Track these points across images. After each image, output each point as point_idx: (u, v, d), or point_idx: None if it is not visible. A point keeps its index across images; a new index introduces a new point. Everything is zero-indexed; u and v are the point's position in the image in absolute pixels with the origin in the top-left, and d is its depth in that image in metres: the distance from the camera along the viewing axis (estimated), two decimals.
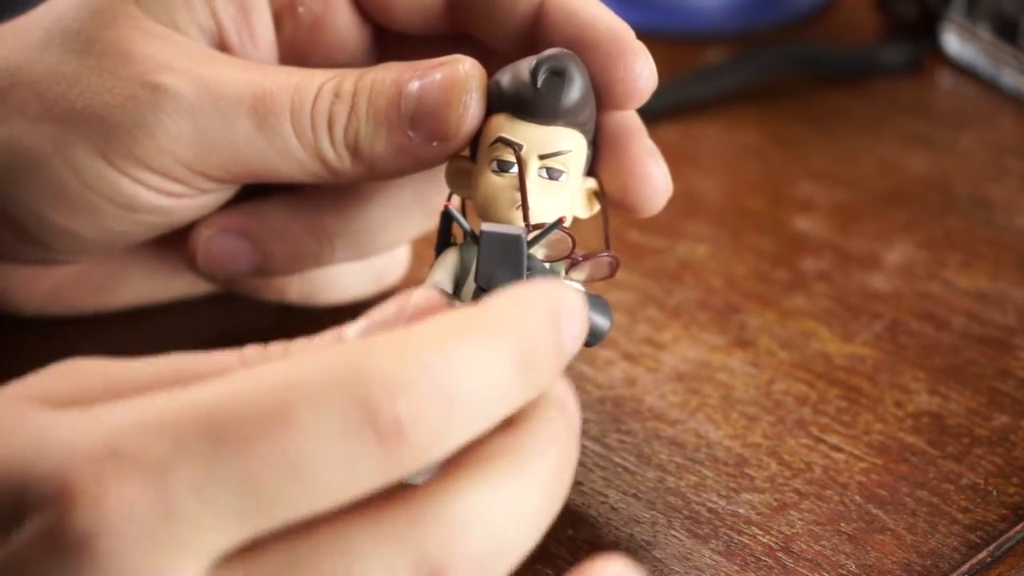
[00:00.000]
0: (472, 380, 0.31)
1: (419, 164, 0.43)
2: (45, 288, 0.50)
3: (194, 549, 0.30)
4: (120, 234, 0.46)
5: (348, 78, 0.43)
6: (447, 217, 0.43)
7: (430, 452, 0.30)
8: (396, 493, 0.31)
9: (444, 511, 0.31)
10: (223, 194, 0.46)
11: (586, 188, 0.43)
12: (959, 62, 0.70)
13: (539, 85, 0.41)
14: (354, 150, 0.43)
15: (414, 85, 0.42)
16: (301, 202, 0.48)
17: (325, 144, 0.43)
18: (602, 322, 0.42)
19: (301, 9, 0.46)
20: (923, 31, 0.71)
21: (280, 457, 0.29)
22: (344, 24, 0.47)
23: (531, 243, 0.41)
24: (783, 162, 0.64)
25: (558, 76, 0.41)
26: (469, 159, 0.43)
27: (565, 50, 0.41)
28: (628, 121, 0.43)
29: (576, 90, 0.41)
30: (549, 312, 0.33)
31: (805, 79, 0.69)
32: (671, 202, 0.60)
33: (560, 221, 0.41)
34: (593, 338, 0.42)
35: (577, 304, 0.33)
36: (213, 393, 0.30)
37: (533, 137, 0.41)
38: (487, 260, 0.40)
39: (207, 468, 0.29)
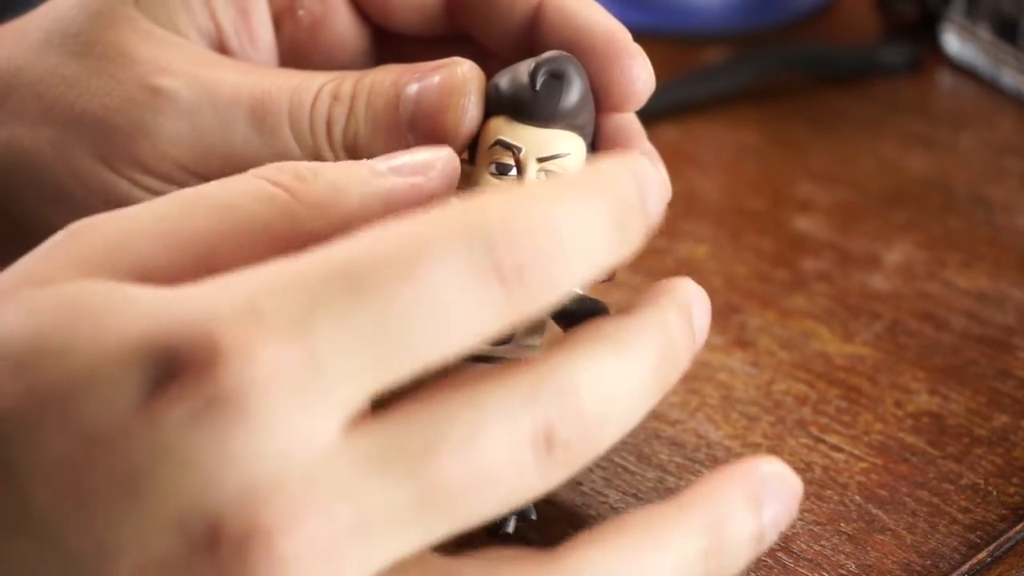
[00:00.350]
0: (579, 230, 0.33)
1: None
2: None
3: (335, 403, 0.30)
4: None
5: (347, 80, 0.43)
6: None
7: (544, 296, 0.32)
8: (517, 362, 0.33)
9: (561, 377, 0.32)
10: None
11: None
12: (959, 62, 0.70)
13: (538, 88, 0.41)
14: (352, 152, 0.43)
15: (412, 88, 0.42)
16: None
17: (323, 146, 0.43)
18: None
19: (301, 12, 0.46)
20: (923, 31, 0.71)
21: (414, 301, 0.31)
22: (343, 26, 0.47)
23: None
24: (783, 162, 0.64)
25: (557, 79, 0.41)
26: (468, 161, 0.43)
27: (564, 53, 0.41)
28: (626, 124, 0.43)
29: (575, 93, 0.41)
30: (633, 175, 0.35)
31: (805, 79, 0.69)
32: (671, 202, 0.60)
33: None
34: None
35: (656, 171, 0.36)
36: (343, 249, 0.31)
37: (531, 140, 0.41)
38: None
39: (347, 320, 0.30)
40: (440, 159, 0.38)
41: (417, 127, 0.42)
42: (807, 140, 0.65)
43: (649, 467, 0.46)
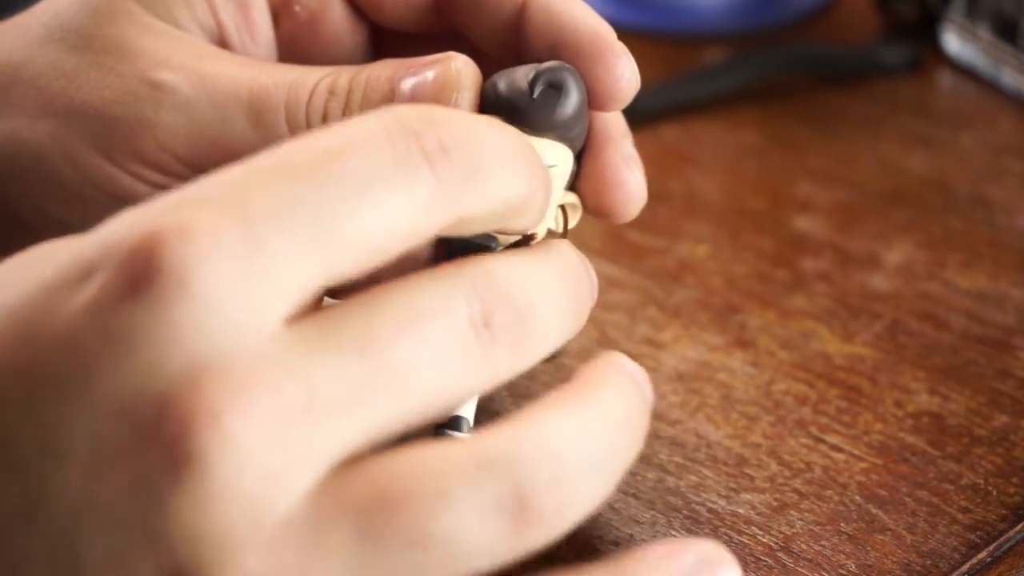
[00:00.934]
0: (495, 140, 0.34)
1: None
2: None
3: (280, 283, 0.30)
4: None
5: (343, 75, 0.44)
6: None
7: (472, 173, 0.33)
8: None
9: (485, 266, 0.34)
10: None
11: (564, 202, 0.43)
12: (959, 62, 0.70)
13: (535, 96, 0.41)
14: None
15: (407, 83, 0.43)
16: None
17: None
18: None
19: (297, 7, 0.47)
20: (923, 31, 0.71)
21: (347, 178, 0.31)
22: (339, 20, 0.47)
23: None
24: (783, 162, 0.64)
25: (555, 89, 0.41)
26: None
27: (565, 64, 0.41)
28: (609, 124, 0.43)
29: (571, 105, 0.41)
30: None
31: (805, 79, 0.69)
32: (671, 202, 0.60)
33: (531, 237, 0.41)
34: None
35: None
36: (281, 148, 0.32)
37: None
38: (453, 258, 0.40)
39: (282, 196, 0.31)
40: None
41: None
42: (807, 140, 0.65)
43: (649, 467, 0.46)
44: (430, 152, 0.32)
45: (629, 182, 0.43)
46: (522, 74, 0.41)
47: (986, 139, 0.65)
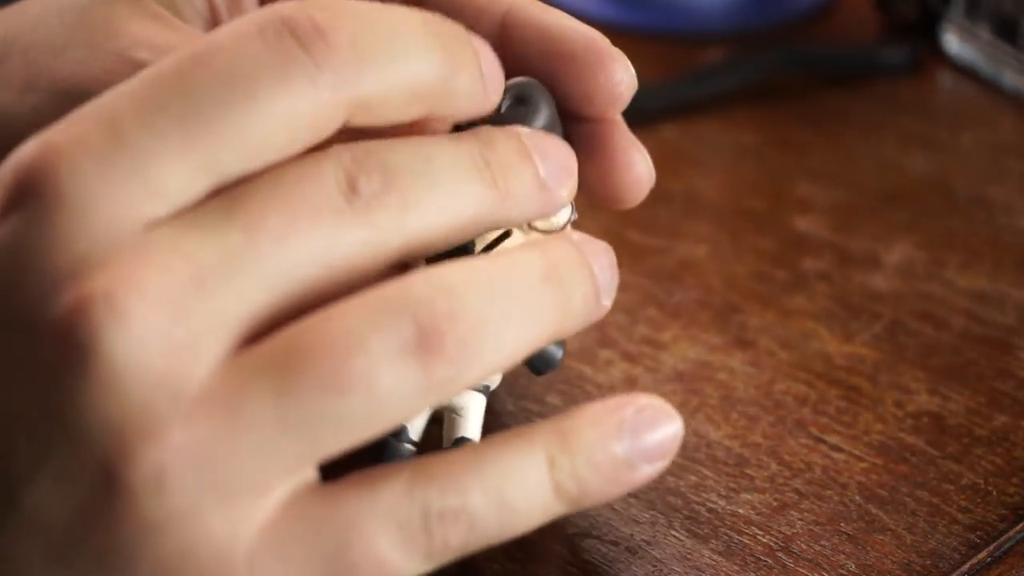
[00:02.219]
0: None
1: None
2: None
3: (154, 181, 0.31)
4: None
5: None
6: None
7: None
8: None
9: (365, 145, 0.34)
10: None
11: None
12: (959, 62, 0.70)
13: (502, 111, 0.41)
14: None
15: None
16: None
17: None
18: (554, 349, 0.42)
19: None
20: (923, 31, 0.71)
21: (214, 77, 0.32)
22: None
23: (485, 250, 0.40)
24: (783, 162, 0.64)
25: (521, 104, 0.41)
26: None
27: (532, 79, 0.41)
28: (619, 132, 0.43)
29: (539, 119, 0.41)
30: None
31: (805, 79, 0.69)
32: (671, 202, 0.60)
33: (507, 234, 0.41)
34: (544, 365, 0.42)
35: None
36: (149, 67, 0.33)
37: None
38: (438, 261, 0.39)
39: (151, 104, 0.31)
40: None
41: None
42: (807, 140, 0.65)
43: None
44: (305, 37, 0.32)
45: (637, 163, 0.43)
46: None
47: (986, 139, 0.65)
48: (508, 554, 0.40)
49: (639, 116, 0.66)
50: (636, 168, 0.43)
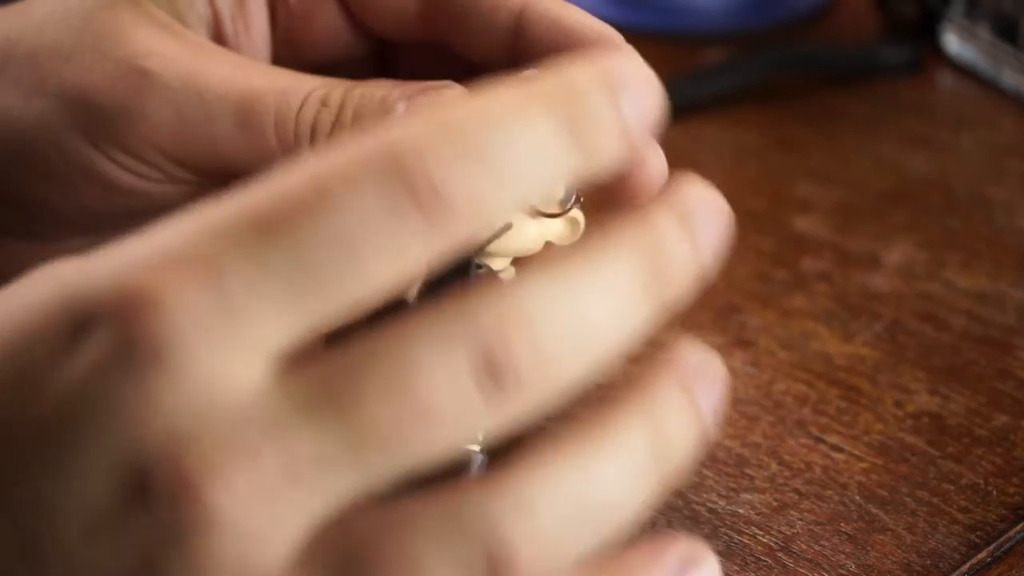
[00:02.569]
0: (506, 141, 0.30)
1: None
2: (32, 269, 0.50)
3: (256, 344, 0.30)
4: (99, 213, 0.46)
5: (337, 89, 0.44)
6: None
7: (476, 218, 0.30)
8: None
9: (501, 298, 0.29)
10: (203, 187, 0.46)
11: (568, 216, 0.43)
12: (959, 62, 0.70)
13: None
14: None
15: (400, 107, 0.43)
16: None
17: (306, 150, 0.43)
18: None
19: (292, 1, 0.47)
20: (923, 31, 0.71)
21: (325, 237, 0.29)
22: (335, 19, 0.47)
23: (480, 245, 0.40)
24: (783, 162, 0.64)
25: None
26: None
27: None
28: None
29: None
30: (599, 75, 0.31)
31: (805, 79, 0.69)
32: None
33: (507, 225, 0.41)
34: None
35: (640, 69, 0.32)
36: (250, 192, 0.30)
37: None
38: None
39: (257, 259, 0.29)
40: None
41: None
42: (807, 140, 0.65)
43: None
44: (422, 199, 0.29)
45: (650, 160, 0.43)
46: None
47: (986, 139, 0.65)
48: None
49: None
50: (648, 165, 0.43)
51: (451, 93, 0.42)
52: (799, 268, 0.56)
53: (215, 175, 0.45)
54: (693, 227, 0.32)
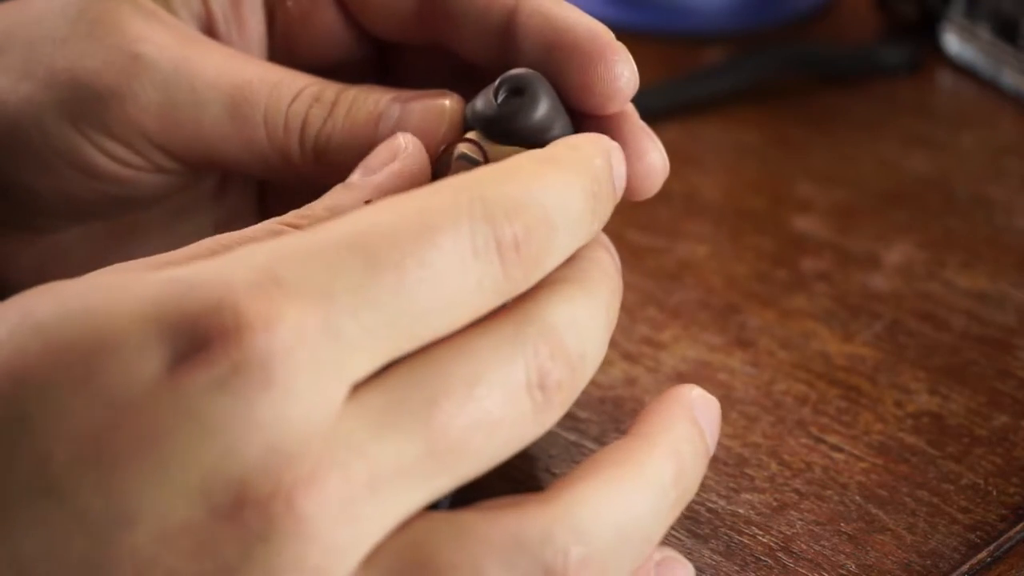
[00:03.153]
0: (563, 207, 0.35)
1: None
2: (27, 264, 0.50)
3: (348, 373, 0.32)
4: (82, 202, 0.46)
5: (330, 88, 0.44)
6: None
7: (535, 271, 0.34)
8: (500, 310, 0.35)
9: (543, 317, 0.34)
10: (185, 177, 0.46)
11: None
12: (959, 62, 0.70)
13: (499, 103, 0.40)
14: (321, 155, 0.44)
15: (395, 110, 0.43)
16: None
17: (294, 144, 0.44)
18: None
19: (290, 2, 0.47)
20: (923, 31, 0.72)
21: (427, 277, 0.32)
22: (333, 21, 0.47)
23: None
24: (783, 162, 0.64)
25: (518, 95, 0.40)
26: None
27: (529, 70, 0.41)
28: (634, 126, 0.43)
29: (538, 109, 0.40)
30: (604, 153, 0.38)
31: (805, 79, 0.69)
32: (671, 202, 0.60)
33: None
34: None
35: (619, 150, 0.39)
36: (356, 221, 0.33)
37: (496, 156, 0.41)
38: None
39: (364, 291, 0.32)
40: (401, 139, 0.40)
41: None
42: (807, 140, 0.65)
43: None
44: (505, 247, 0.33)
45: (650, 152, 0.43)
46: (492, 86, 0.41)
47: (986, 139, 0.65)
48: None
49: (639, 116, 0.66)
50: (648, 157, 0.42)
51: (447, 101, 0.42)
52: (799, 268, 0.56)
53: (199, 166, 0.45)
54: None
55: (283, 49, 0.47)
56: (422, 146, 0.40)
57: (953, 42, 0.70)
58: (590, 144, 0.38)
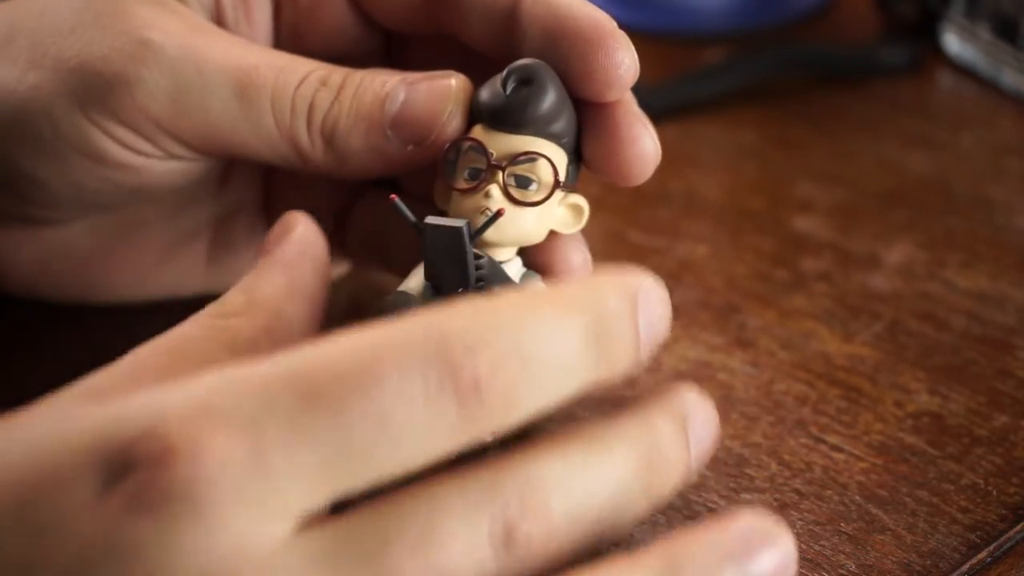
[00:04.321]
0: (544, 346, 0.32)
1: (388, 166, 0.44)
2: (29, 258, 0.50)
3: (283, 507, 0.30)
4: (88, 190, 0.46)
5: (337, 72, 0.44)
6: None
7: (504, 415, 0.32)
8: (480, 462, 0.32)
9: (525, 474, 0.32)
10: (193, 165, 0.46)
11: (569, 203, 0.43)
12: (959, 62, 0.70)
13: (507, 93, 0.41)
14: (329, 139, 0.44)
15: (400, 91, 0.43)
16: None
17: (301, 128, 0.44)
18: None
19: None
20: (923, 31, 0.71)
21: (367, 417, 0.30)
22: (342, 13, 0.47)
23: (474, 235, 0.40)
24: (783, 162, 0.64)
25: (526, 85, 0.41)
26: (446, 175, 0.43)
27: (537, 60, 0.41)
28: (628, 115, 0.43)
29: (546, 99, 0.41)
30: (623, 290, 0.34)
31: (805, 79, 0.69)
32: (671, 202, 0.60)
33: (499, 213, 0.41)
34: None
35: (656, 287, 0.35)
36: (299, 356, 0.31)
37: (502, 146, 0.41)
38: (432, 254, 0.39)
39: (297, 427, 0.30)
40: (287, 218, 0.38)
41: (398, 127, 0.43)
42: (807, 140, 0.65)
43: None
44: (463, 393, 0.31)
45: (642, 138, 0.43)
46: (499, 76, 0.41)
47: (986, 139, 0.65)
48: None
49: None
50: (640, 143, 0.43)
51: (453, 81, 0.42)
52: (799, 268, 0.56)
53: (207, 152, 0.45)
54: (686, 431, 0.35)
55: (290, 39, 0.48)
56: (304, 219, 0.38)
57: (953, 42, 0.70)
58: (610, 283, 0.34)
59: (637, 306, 0.34)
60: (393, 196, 0.40)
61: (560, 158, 0.42)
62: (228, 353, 0.35)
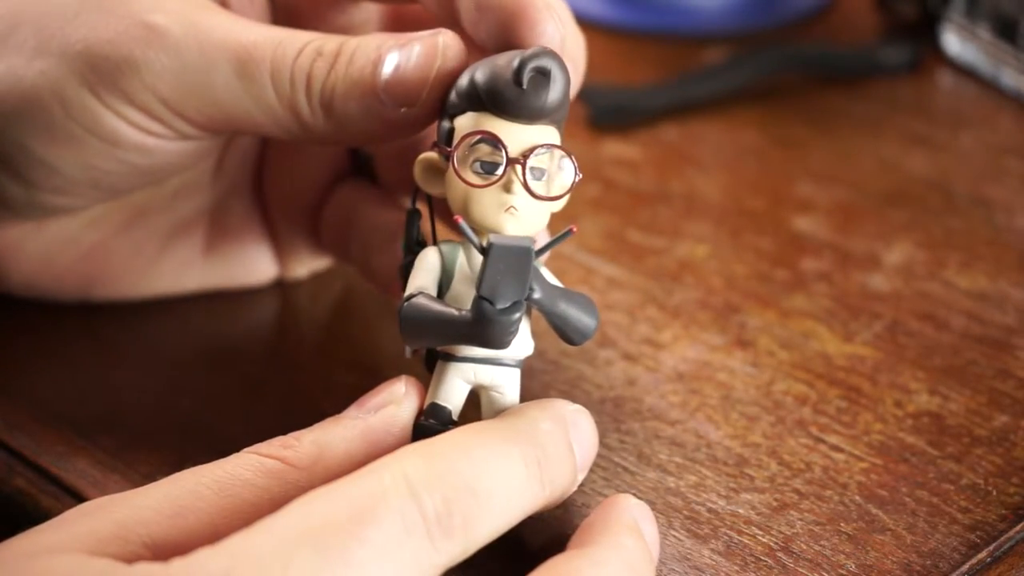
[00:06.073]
0: (493, 474, 0.37)
1: (387, 129, 0.44)
2: (33, 251, 0.50)
3: None
4: (102, 173, 0.47)
5: (332, 40, 0.45)
6: (414, 216, 0.44)
7: (470, 537, 0.37)
8: None
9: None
10: (203, 143, 0.47)
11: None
12: (959, 62, 0.70)
13: (524, 85, 0.41)
14: (328, 107, 0.44)
15: (394, 53, 0.43)
16: None
17: (301, 99, 0.44)
18: (588, 321, 0.42)
19: None
20: (923, 31, 0.71)
21: (365, 558, 0.35)
22: None
23: (539, 253, 0.41)
24: (783, 162, 0.64)
25: (544, 76, 0.41)
26: (441, 157, 0.43)
27: (547, 48, 0.41)
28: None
29: (560, 89, 0.41)
30: (553, 416, 0.40)
31: (805, 79, 0.69)
32: (671, 202, 0.60)
33: (570, 231, 0.41)
34: (580, 337, 0.42)
35: (583, 411, 0.41)
36: (307, 512, 0.36)
37: (517, 137, 0.41)
38: (494, 272, 0.40)
39: (306, 567, 0.35)
40: (400, 384, 0.42)
41: (391, 89, 0.43)
42: (807, 140, 0.65)
43: (649, 467, 0.46)
44: (429, 521, 0.36)
45: (544, 22, 0.44)
46: (502, 64, 0.41)
47: (986, 139, 0.65)
48: (509, 554, 0.40)
49: (639, 116, 0.66)
50: (541, 27, 0.43)
51: (443, 38, 0.43)
52: (799, 268, 0.56)
53: (215, 129, 0.46)
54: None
55: (290, 21, 0.48)
56: (416, 399, 0.42)
57: (953, 42, 0.70)
58: (538, 410, 0.40)
59: (568, 429, 0.40)
60: (458, 217, 0.41)
61: (558, 140, 0.42)
62: (280, 487, 0.39)
